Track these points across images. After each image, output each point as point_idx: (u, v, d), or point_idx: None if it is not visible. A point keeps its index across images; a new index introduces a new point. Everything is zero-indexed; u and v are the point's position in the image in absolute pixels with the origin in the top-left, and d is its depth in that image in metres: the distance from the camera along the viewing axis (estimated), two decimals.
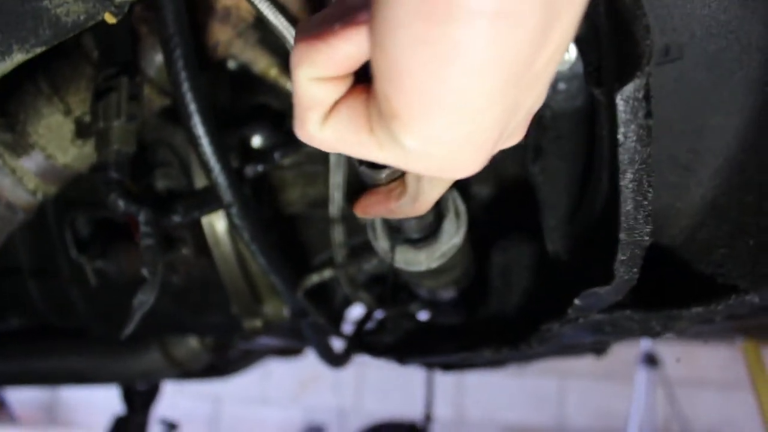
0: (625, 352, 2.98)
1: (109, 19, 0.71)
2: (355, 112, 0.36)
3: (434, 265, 0.81)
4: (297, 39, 0.35)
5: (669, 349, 3.01)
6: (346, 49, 0.33)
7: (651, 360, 2.99)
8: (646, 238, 0.61)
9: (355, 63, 0.34)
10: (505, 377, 3.18)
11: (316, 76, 0.35)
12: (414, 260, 0.82)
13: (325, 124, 0.37)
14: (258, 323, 1.18)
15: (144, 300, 0.88)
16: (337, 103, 0.37)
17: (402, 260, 0.82)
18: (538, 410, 3.41)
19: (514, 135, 0.37)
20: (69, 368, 1.55)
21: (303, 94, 0.36)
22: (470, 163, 0.35)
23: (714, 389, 3.22)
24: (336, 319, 1.36)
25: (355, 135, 0.37)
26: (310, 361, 2.21)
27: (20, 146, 0.93)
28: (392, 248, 0.81)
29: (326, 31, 0.34)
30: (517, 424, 3.37)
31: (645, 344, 2.99)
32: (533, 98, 0.34)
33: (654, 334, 0.94)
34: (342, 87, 0.36)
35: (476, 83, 0.30)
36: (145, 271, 0.86)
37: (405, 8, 0.28)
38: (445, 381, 2.99)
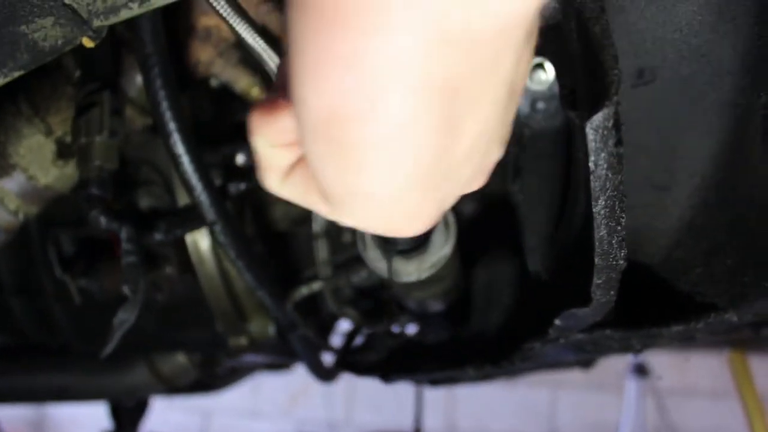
0: (615, 363, 2.99)
1: (87, 43, 0.71)
2: (307, 176, 0.38)
3: (424, 275, 0.82)
4: (252, 110, 0.37)
5: (659, 360, 3.02)
6: (290, 122, 0.35)
7: (641, 370, 3.00)
8: (621, 261, 0.62)
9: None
10: (496, 388, 3.18)
11: (269, 144, 0.37)
12: (404, 271, 0.82)
13: (283, 183, 0.39)
14: (243, 341, 1.18)
15: (125, 318, 0.88)
16: (293, 165, 0.38)
17: (392, 271, 0.82)
18: (529, 421, 3.41)
19: (470, 186, 0.37)
20: (54, 385, 1.55)
21: (260, 157, 0.39)
22: (415, 227, 0.36)
23: (703, 398, 3.23)
24: (323, 333, 1.36)
25: (308, 196, 0.39)
26: (300, 373, 2.21)
27: (1, 167, 0.93)
28: (388, 259, 0.82)
29: (273, 105, 0.36)
30: None
31: (635, 355, 3.00)
32: (466, 177, 0.34)
33: (635, 352, 0.95)
34: (293, 153, 0.38)
35: (386, 182, 0.30)
36: (126, 289, 0.86)
37: (311, 118, 0.29)
38: (436, 392, 2.99)
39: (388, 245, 0.84)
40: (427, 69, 0.26)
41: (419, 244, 0.84)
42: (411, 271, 0.82)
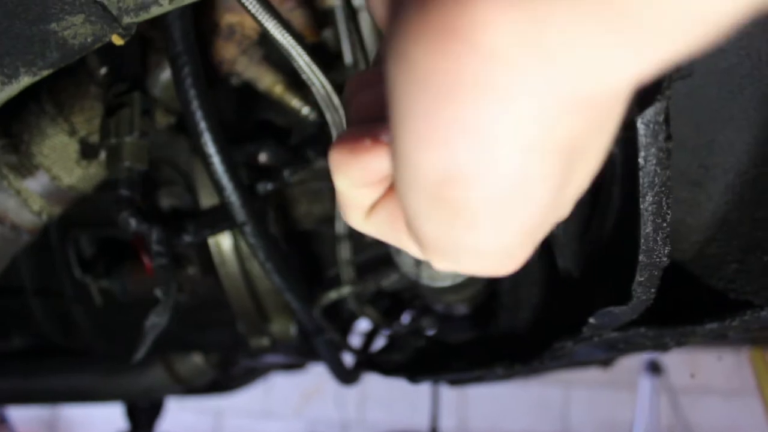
0: (629, 361, 2.97)
1: (117, 41, 0.70)
2: (393, 214, 0.36)
3: (459, 279, 0.81)
4: (333, 147, 0.35)
5: (673, 357, 3.00)
6: (376, 164, 0.33)
7: (655, 368, 2.99)
8: (665, 259, 0.60)
9: (387, 175, 0.34)
10: (509, 387, 3.16)
11: (351, 185, 0.35)
12: (438, 275, 0.81)
13: (367, 220, 0.38)
14: (265, 342, 1.17)
15: (157, 322, 0.87)
16: (377, 202, 0.37)
17: (426, 276, 0.82)
18: (542, 419, 3.39)
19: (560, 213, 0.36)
20: (71, 386, 1.54)
21: (341, 196, 0.37)
22: (511, 267, 0.35)
23: (718, 396, 3.21)
24: (343, 334, 1.35)
25: (394, 234, 0.37)
26: (312, 373, 2.20)
27: (25, 167, 0.93)
28: (418, 263, 0.81)
29: (358, 145, 0.34)
30: None
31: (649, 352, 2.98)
32: (561, 217, 0.33)
33: (666, 349, 0.93)
34: (378, 191, 0.36)
35: (495, 238, 0.29)
36: (158, 292, 0.85)
37: (419, 179, 0.28)
38: (449, 392, 2.98)
39: None
40: (548, 132, 0.25)
41: None
42: (446, 275, 0.82)
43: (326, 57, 1.13)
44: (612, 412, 3.32)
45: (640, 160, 0.51)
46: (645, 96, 0.50)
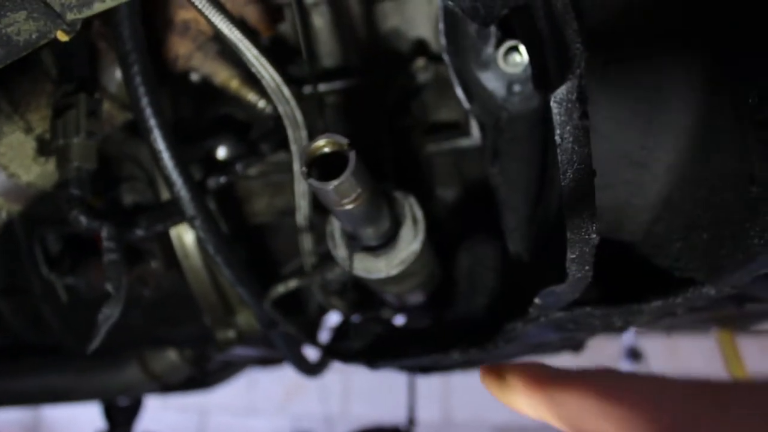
0: (609, 348, 3.01)
1: (62, 36, 0.71)
2: None
3: (394, 272, 0.82)
4: (524, 374, 0.33)
5: (653, 344, 3.03)
6: (575, 407, 0.32)
7: (635, 354, 3.02)
8: (593, 235, 0.62)
9: None
10: None
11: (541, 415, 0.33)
12: (373, 268, 0.83)
13: None
14: (231, 334, 1.18)
15: (109, 314, 0.88)
16: None
17: (362, 268, 0.83)
18: None
19: None
20: (46, 386, 1.55)
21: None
22: None
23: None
24: (312, 326, 1.36)
25: None
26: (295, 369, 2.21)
27: None
28: (350, 256, 0.82)
29: (546, 378, 0.32)
30: (504, 424, 3.38)
31: (628, 338, 3.01)
32: None
33: (616, 330, 0.95)
34: None
35: None
36: (108, 286, 0.87)
37: None
38: (432, 383, 3.00)
39: (355, 243, 0.85)
40: None
41: (387, 241, 0.84)
42: (380, 267, 0.83)
43: (285, 52, 1.15)
44: None
45: (557, 138, 0.53)
46: (557, 76, 0.52)
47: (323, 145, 0.65)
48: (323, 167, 0.67)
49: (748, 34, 0.70)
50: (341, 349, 0.99)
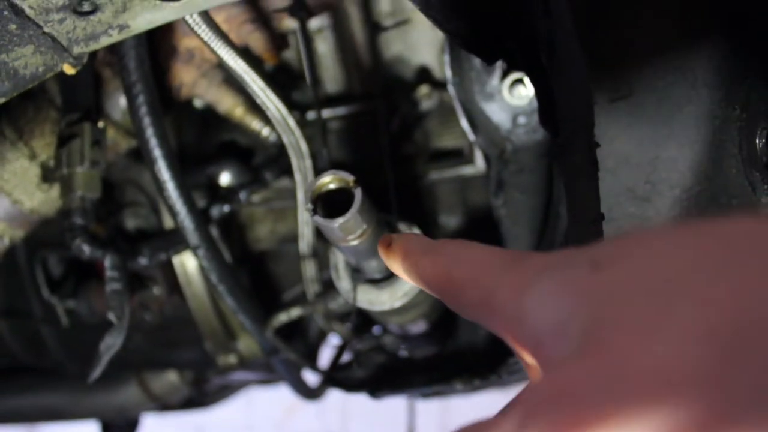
0: None
1: (68, 70, 0.72)
2: None
3: (397, 304, 0.82)
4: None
5: None
6: None
7: None
8: None
9: None
10: (491, 395, 3.18)
11: None
12: (377, 300, 0.82)
13: None
14: (232, 359, 1.18)
15: (111, 343, 0.88)
16: None
17: (365, 300, 0.83)
18: None
19: None
20: (44, 406, 1.54)
21: None
22: None
23: None
24: (312, 350, 1.36)
25: None
26: None
27: None
28: (353, 289, 0.82)
29: None
30: None
31: None
32: None
33: None
34: None
35: None
36: (111, 316, 0.86)
37: None
38: (430, 402, 2.98)
39: (359, 275, 0.84)
40: None
41: (391, 274, 0.84)
42: (384, 300, 0.83)
43: (289, 78, 1.15)
44: None
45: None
46: (566, 131, 0.52)
47: (329, 181, 0.65)
48: (328, 201, 0.67)
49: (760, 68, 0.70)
50: (343, 379, 0.99)
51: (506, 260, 0.37)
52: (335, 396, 1.43)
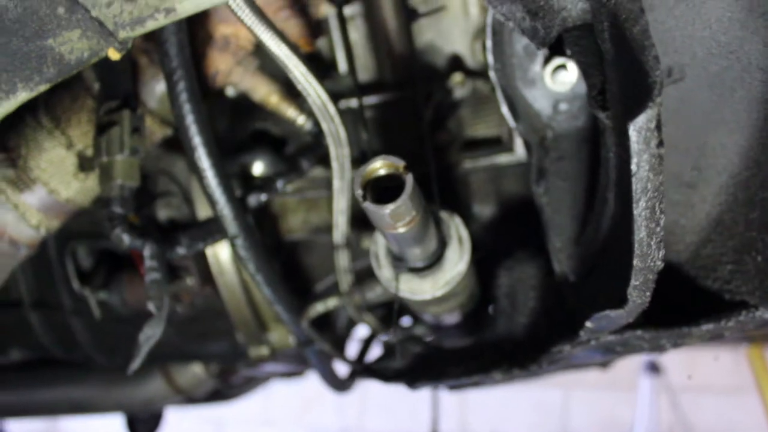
0: (628, 362, 2.98)
1: (113, 55, 0.71)
2: None
3: (439, 293, 0.81)
4: None
5: (672, 357, 3.01)
6: None
7: (654, 368, 3.00)
8: (659, 263, 0.61)
9: None
10: (509, 390, 3.16)
11: None
12: (419, 289, 0.81)
13: None
14: (264, 351, 1.17)
15: (151, 334, 0.87)
16: None
17: (407, 289, 0.81)
18: (543, 422, 3.40)
19: None
20: (71, 399, 1.54)
21: None
22: None
23: (717, 395, 3.22)
24: (340, 342, 1.35)
25: None
26: (312, 381, 2.20)
27: (22, 181, 0.93)
28: (396, 277, 0.81)
29: None
30: None
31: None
32: None
33: (663, 351, 0.94)
34: None
35: None
36: (151, 306, 0.86)
37: None
38: (449, 396, 2.98)
39: (400, 264, 0.83)
40: None
41: (433, 262, 0.83)
42: (426, 289, 0.81)
43: (321, 66, 1.14)
44: (612, 412, 3.33)
45: (633, 167, 0.52)
46: (635, 102, 0.51)
47: (380, 167, 0.64)
48: (376, 189, 0.66)
49: None
50: (380, 369, 0.98)
51: None
52: (353, 390, 1.43)
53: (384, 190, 0.65)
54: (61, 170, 0.93)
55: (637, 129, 0.50)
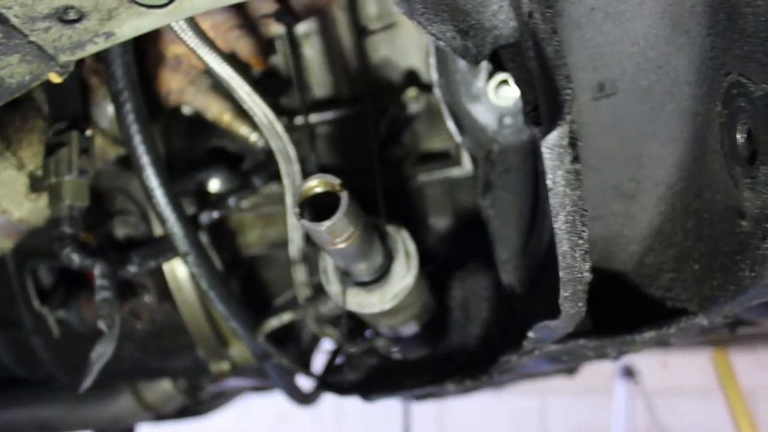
0: (603, 366, 3.00)
1: (54, 78, 0.72)
2: None
3: (387, 306, 0.82)
4: None
5: (647, 361, 3.04)
6: None
7: (629, 372, 3.03)
8: (586, 274, 0.63)
9: None
10: (486, 397, 3.18)
11: None
12: (367, 303, 0.83)
13: None
14: (225, 366, 1.18)
15: (102, 352, 0.88)
16: None
17: (355, 303, 0.83)
18: (520, 428, 3.41)
19: None
20: (38, 418, 1.53)
21: None
22: None
23: (691, 397, 3.26)
24: (305, 355, 1.36)
25: None
26: None
27: None
28: (343, 292, 0.82)
29: None
30: None
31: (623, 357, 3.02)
32: None
33: (611, 359, 0.96)
34: None
35: None
36: (101, 324, 0.86)
37: None
38: (426, 405, 2.98)
39: (348, 278, 0.85)
40: None
41: (380, 275, 0.84)
42: (374, 302, 0.83)
43: (276, 83, 1.15)
44: (588, 418, 3.35)
45: (549, 183, 0.54)
46: (548, 120, 0.52)
47: (315, 185, 0.66)
48: (316, 205, 0.67)
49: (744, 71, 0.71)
50: (336, 382, 0.99)
51: None
52: (330, 401, 1.43)
53: (324, 207, 0.67)
54: (13, 191, 0.93)
55: (549, 146, 0.52)
